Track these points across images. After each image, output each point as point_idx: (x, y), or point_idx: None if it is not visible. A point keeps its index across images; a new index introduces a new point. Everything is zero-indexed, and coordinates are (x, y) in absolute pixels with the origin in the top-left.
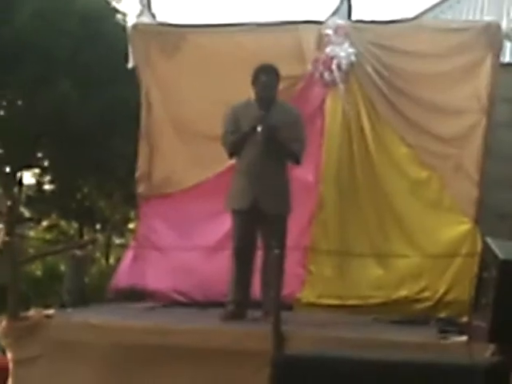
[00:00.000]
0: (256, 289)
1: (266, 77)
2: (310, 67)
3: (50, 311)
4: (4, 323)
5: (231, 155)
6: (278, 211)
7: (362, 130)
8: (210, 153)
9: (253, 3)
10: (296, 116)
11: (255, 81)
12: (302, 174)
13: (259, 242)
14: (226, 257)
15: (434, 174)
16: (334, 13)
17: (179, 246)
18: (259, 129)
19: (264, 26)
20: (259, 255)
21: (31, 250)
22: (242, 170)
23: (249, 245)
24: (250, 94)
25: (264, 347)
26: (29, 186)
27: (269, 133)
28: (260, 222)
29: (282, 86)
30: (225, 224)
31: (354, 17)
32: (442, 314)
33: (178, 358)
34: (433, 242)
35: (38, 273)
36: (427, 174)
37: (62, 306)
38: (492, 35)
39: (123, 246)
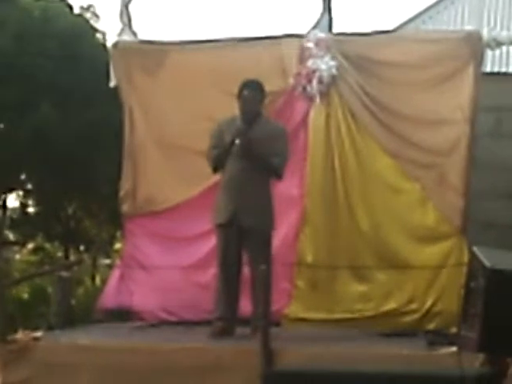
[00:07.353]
0: (244, 305)
1: (248, 92)
2: (292, 81)
3: (38, 333)
4: None
5: (214, 170)
6: (258, 226)
7: (344, 142)
8: (194, 169)
9: (234, 18)
10: (280, 131)
11: (239, 96)
12: (286, 189)
13: (245, 258)
14: (213, 274)
15: (417, 185)
16: (315, 26)
17: (165, 265)
18: (237, 142)
19: (245, 41)
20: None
21: (17, 273)
22: (223, 184)
23: (233, 259)
24: (232, 109)
25: (253, 363)
26: (13, 209)
27: (247, 146)
28: (242, 237)
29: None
30: (211, 241)
31: (334, 29)
32: (431, 326)
33: (167, 376)
34: (419, 253)
35: (25, 295)
36: (411, 184)
37: (50, 327)
38: (473, 44)
39: (109, 267)
